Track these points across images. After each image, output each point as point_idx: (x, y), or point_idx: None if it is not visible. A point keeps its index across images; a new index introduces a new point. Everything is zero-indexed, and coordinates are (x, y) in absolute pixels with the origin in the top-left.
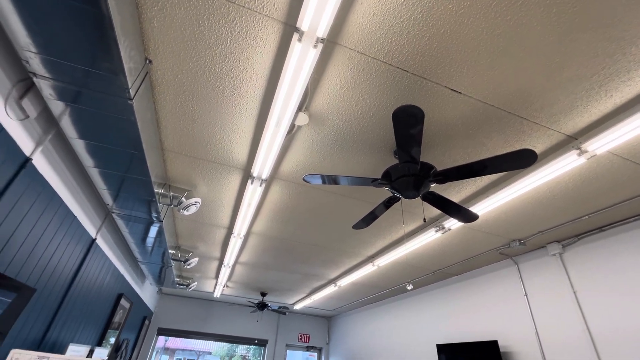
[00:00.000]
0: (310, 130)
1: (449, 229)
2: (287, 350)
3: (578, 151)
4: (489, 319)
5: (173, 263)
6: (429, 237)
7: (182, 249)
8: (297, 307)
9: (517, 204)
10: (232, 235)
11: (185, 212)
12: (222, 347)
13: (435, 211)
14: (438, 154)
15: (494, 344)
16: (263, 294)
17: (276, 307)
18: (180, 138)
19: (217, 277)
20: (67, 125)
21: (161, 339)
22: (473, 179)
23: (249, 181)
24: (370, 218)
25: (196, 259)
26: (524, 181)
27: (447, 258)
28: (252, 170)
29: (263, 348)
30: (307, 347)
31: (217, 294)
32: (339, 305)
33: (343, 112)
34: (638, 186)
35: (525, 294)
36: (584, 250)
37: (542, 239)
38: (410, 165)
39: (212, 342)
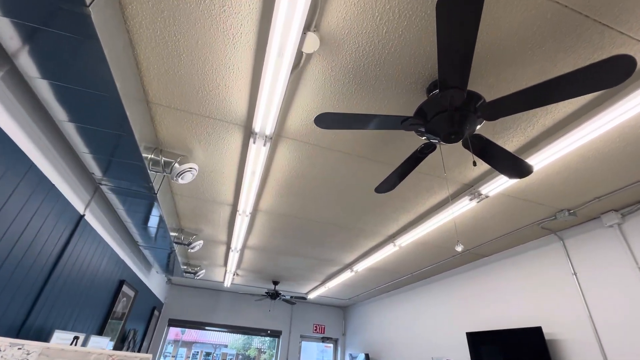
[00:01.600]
0: (322, 63)
1: (486, 196)
2: (302, 342)
3: None
4: (530, 303)
5: (177, 247)
6: (462, 208)
7: (186, 231)
8: (311, 296)
9: (573, 159)
10: (237, 214)
11: (181, 180)
12: (237, 340)
13: (469, 173)
14: (480, 89)
15: (537, 331)
16: (275, 283)
17: (288, 297)
18: (166, 84)
19: (225, 264)
20: (24, 60)
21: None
22: (523, 126)
23: (251, 140)
24: (397, 176)
25: (201, 242)
26: (595, 122)
27: (479, 235)
28: (253, 126)
29: (277, 339)
30: (323, 338)
31: (227, 283)
32: (355, 293)
33: (363, 32)
34: None
35: (574, 273)
36: None
37: (595, 207)
38: (454, 93)
39: (227, 334)
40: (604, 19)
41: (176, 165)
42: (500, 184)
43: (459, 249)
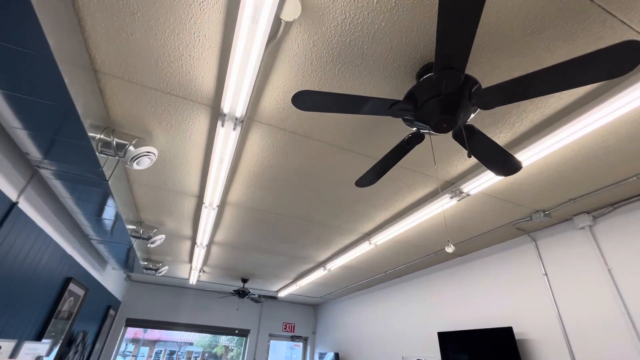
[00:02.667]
0: (303, 35)
1: (467, 195)
2: (271, 341)
3: None
4: (501, 303)
5: (135, 242)
6: (442, 206)
7: (145, 224)
8: (282, 294)
9: (555, 159)
10: (203, 206)
11: (137, 166)
12: (203, 337)
13: (451, 169)
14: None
15: (507, 331)
16: (244, 280)
17: (255, 296)
18: (117, 50)
19: (191, 260)
20: None
21: (138, 330)
22: (511, 121)
23: (219, 123)
24: (379, 169)
25: (162, 236)
26: (583, 120)
27: (456, 234)
28: (222, 106)
29: (245, 338)
30: (292, 336)
31: (192, 280)
32: (327, 292)
33: (352, 1)
34: None
35: (545, 274)
36: (621, 221)
37: (568, 209)
38: (451, 74)
39: (193, 332)
40: (610, 5)
41: (131, 148)
42: (483, 182)
43: (450, 250)
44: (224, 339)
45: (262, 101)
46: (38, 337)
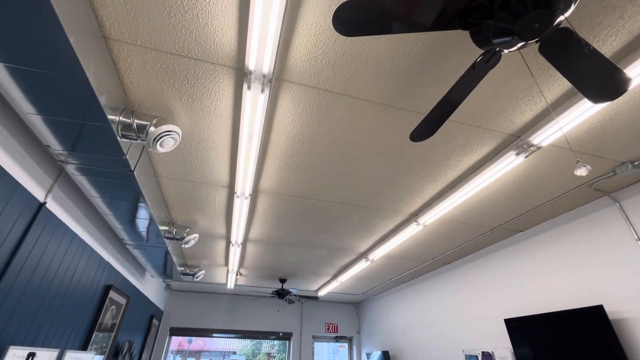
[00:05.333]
0: None
1: (538, 148)
2: (315, 343)
3: None
4: (585, 279)
5: (169, 244)
6: (505, 166)
7: (178, 224)
8: (322, 293)
9: None
10: (235, 196)
11: (160, 148)
12: (246, 345)
13: (517, 118)
14: None
15: (598, 310)
16: (282, 280)
17: (293, 296)
18: (126, 8)
19: (227, 262)
20: None
21: (183, 340)
22: (625, 17)
23: (245, 86)
24: (441, 112)
25: (195, 235)
26: None
27: (520, 204)
28: (246, 63)
29: (287, 342)
30: (336, 337)
31: (230, 284)
32: (369, 287)
33: None
34: None
35: (639, 239)
36: None
37: None
38: None
39: (235, 340)
40: None
41: (152, 128)
42: (562, 127)
43: (583, 172)
44: (265, 346)
45: (291, 52)
46: (83, 347)
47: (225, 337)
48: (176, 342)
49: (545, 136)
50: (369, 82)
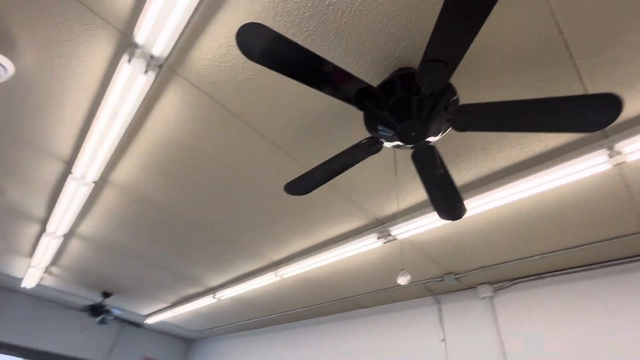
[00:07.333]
0: None
1: (394, 239)
2: None
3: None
4: None
5: None
6: (365, 246)
7: None
8: (151, 320)
9: (491, 218)
10: (70, 177)
11: None
12: None
13: (386, 206)
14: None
15: None
16: (106, 295)
17: (115, 316)
18: None
19: (32, 254)
20: None
21: None
22: (476, 160)
23: (125, 56)
24: (322, 173)
25: None
26: (539, 177)
27: (367, 282)
28: (134, 32)
29: None
30: None
31: (28, 282)
32: (209, 326)
33: None
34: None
35: (444, 340)
36: (516, 297)
37: (476, 277)
38: (440, 69)
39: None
40: (581, 63)
41: None
42: (416, 227)
43: (404, 281)
44: None
45: (196, 49)
46: None
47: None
48: None
49: (402, 231)
50: (269, 118)
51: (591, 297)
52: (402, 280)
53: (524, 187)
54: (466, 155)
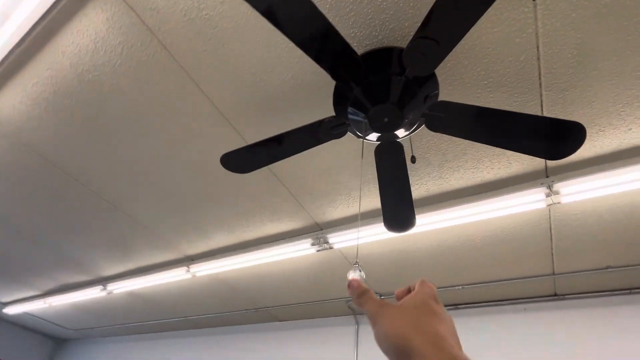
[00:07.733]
0: None
1: (330, 248)
2: None
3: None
4: None
5: None
6: (298, 251)
7: None
8: (12, 310)
9: (429, 241)
10: None
11: None
12: None
13: (327, 211)
14: None
15: None
16: None
17: None
18: None
19: None
20: None
21: None
22: (426, 178)
23: None
24: (269, 152)
25: None
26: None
27: (290, 293)
28: None
29: None
30: None
31: None
32: (90, 325)
33: None
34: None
35: None
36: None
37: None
38: (432, 48)
39: None
40: (546, 94)
41: None
42: (360, 238)
43: (355, 276)
44: None
45: None
46: None
47: None
48: None
49: (339, 240)
50: (219, 78)
51: (505, 332)
52: (353, 275)
53: (470, 211)
54: (422, 169)
